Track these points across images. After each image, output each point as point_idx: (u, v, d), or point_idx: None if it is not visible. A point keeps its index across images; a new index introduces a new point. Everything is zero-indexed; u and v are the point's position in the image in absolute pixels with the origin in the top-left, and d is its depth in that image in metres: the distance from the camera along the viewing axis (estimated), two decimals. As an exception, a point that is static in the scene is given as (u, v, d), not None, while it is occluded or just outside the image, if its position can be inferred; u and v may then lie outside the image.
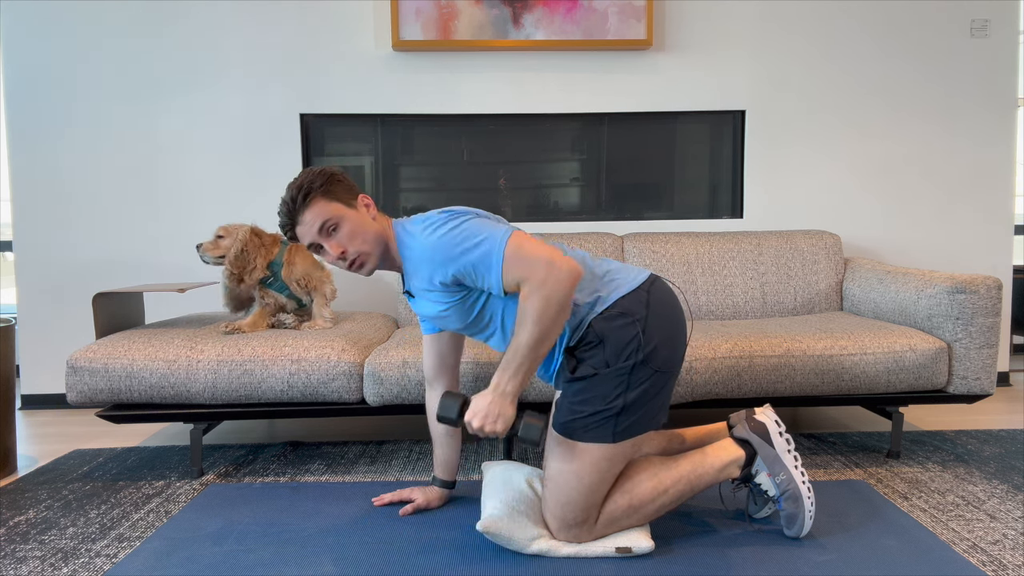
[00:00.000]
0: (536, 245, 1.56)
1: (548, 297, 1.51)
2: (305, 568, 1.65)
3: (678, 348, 1.69)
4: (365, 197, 1.75)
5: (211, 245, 2.50)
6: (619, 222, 3.30)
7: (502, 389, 1.55)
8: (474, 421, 1.55)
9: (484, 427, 1.54)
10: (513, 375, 1.55)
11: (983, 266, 3.35)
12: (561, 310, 1.52)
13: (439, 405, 1.59)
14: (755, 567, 1.62)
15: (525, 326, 1.52)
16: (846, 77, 3.26)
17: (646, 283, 1.69)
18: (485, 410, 1.54)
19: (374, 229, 1.71)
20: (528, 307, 1.51)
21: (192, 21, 3.14)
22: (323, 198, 1.67)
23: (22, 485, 2.24)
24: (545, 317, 1.51)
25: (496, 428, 1.54)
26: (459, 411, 1.58)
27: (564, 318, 1.54)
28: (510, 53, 3.20)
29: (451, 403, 1.58)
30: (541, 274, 1.51)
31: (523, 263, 1.53)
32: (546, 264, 1.52)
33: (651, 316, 1.64)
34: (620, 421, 1.61)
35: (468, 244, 1.57)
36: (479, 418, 1.54)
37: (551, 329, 1.52)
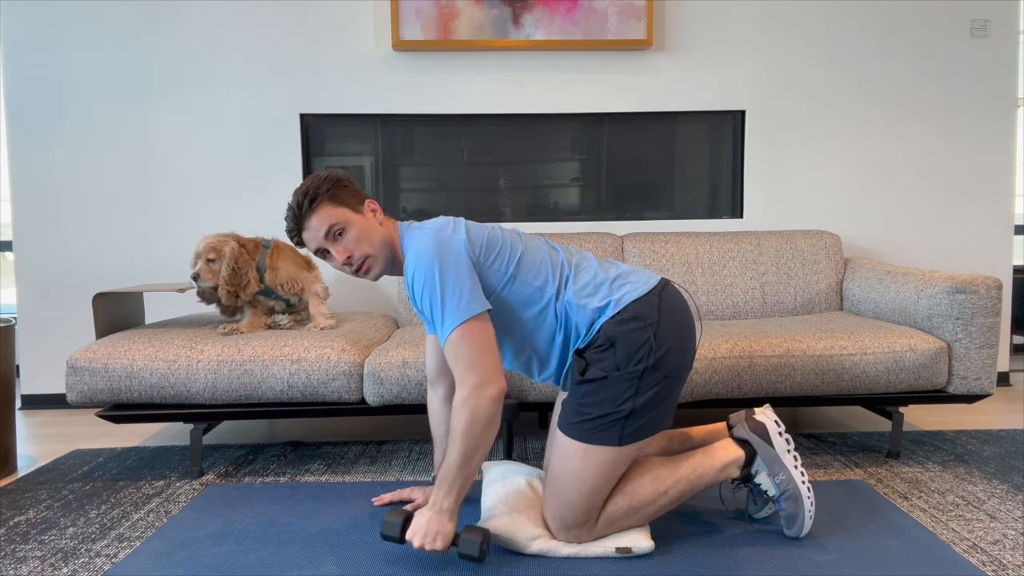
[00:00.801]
0: (478, 347, 1.56)
1: (474, 412, 1.54)
2: (305, 568, 1.65)
3: (688, 353, 1.69)
4: (372, 202, 1.75)
5: (208, 272, 2.37)
6: (619, 222, 3.30)
7: (439, 507, 1.59)
8: (415, 540, 1.58)
9: (424, 546, 1.57)
10: (447, 492, 1.58)
11: (983, 266, 3.35)
12: (487, 426, 1.55)
13: (382, 524, 1.64)
14: (755, 567, 1.62)
15: (454, 443, 1.56)
16: (846, 77, 3.26)
17: (658, 287, 1.69)
18: (424, 528, 1.58)
19: (380, 234, 1.72)
20: (455, 422, 1.55)
21: (193, 21, 3.14)
22: (329, 203, 1.69)
23: (22, 485, 2.24)
24: (472, 433, 1.54)
25: (436, 546, 1.57)
26: (401, 530, 1.62)
27: (492, 434, 1.57)
28: (510, 53, 3.20)
29: (393, 522, 1.62)
30: (469, 386, 1.55)
31: (459, 361, 1.56)
32: (476, 382, 1.54)
33: (663, 321, 1.64)
34: (627, 425, 1.61)
35: (432, 298, 1.58)
36: (419, 537, 1.57)
37: (479, 444, 1.56)
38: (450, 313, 1.56)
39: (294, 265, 2.56)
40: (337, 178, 1.72)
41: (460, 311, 1.56)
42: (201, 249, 2.40)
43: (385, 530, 1.63)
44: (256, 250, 2.50)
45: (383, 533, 1.63)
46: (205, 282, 2.39)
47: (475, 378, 1.55)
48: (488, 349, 1.57)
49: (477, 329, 1.57)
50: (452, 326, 1.56)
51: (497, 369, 1.58)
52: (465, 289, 1.58)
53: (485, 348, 1.57)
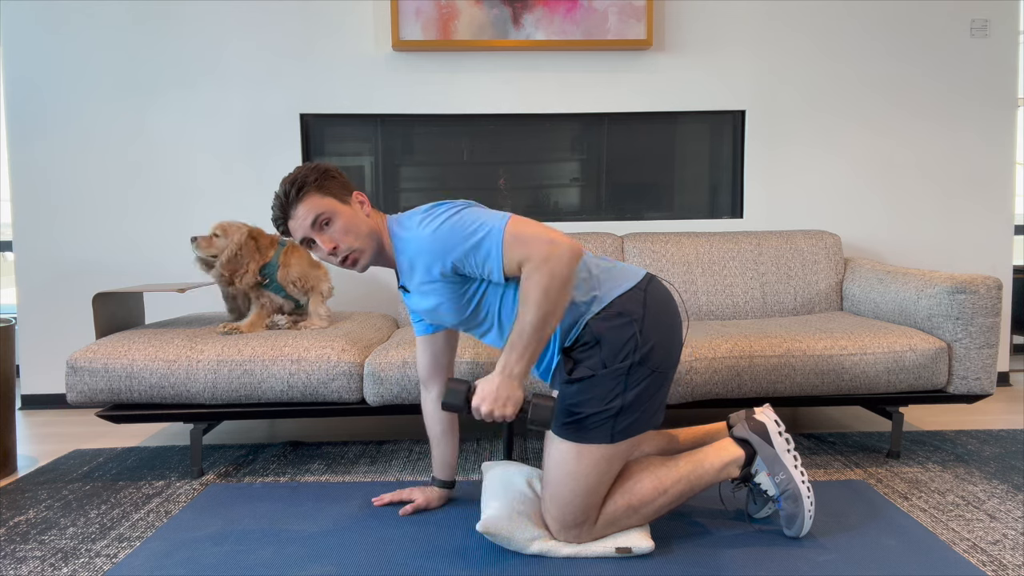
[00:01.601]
0: (535, 226, 1.56)
1: (551, 274, 1.49)
2: (305, 568, 1.65)
3: (675, 348, 1.69)
4: (359, 194, 1.74)
5: (205, 241, 2.45)
6: (619, 222, 3.30)
7: (509, 371, 1.53)
8: (483, 406, 1.52)
9: (494, 411, 1.52)
10: (520, 356, 1.52)
11: (983, 266, 3.35)
12: (564, 287, 1.51)
13: (445, 392, 1.55)
14: (755, 567, 1.62)
15: (529, 305, 1.50)
16: (846, 77, 3.26)
17: (643, 282, 1.69)
18: (494, 394, 1.52)
19: (367, 225, 1.70)
20: (531, 286, 1.50)
21: (193, 21, 3.14)
22: (316, 193, 1.67)
23: (22, 485, 2.24)
24: (549, 295, 1.49)
25: (506, 412, 1.52)
26: (465, 397, 1.54)
27: (567, 296, 1.53)
28: (510, 53, 3.20)
29: (457, 389, 1.54)
30: (543, 252, 1.50)
31: (523, 244, 1.52)
32: (547, 243, 1.51)
33: (648, 316, 1.63)
34: (618, 422, 1.61)
35: (467, 231, 1.56)
36: (488, 402, 1.52)
37: (556, 307, 1.51)
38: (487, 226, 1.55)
39: (307, 264, 2.59)
40: (325, 168, 1.70)
41: (496, 218, 1.56)
42: (213, 225, 2.49)
43: (448, 398, 1.53)
44: (271, 246, 2.54)
45: (445, 401, 1.54)
46: (200, 249, 2.45)
47: (546, 243, 1.51)
48: (543, 225, 1.57)
49: (520, 219, 1.57)
50: (500, 229, 1.54)
51: (564, 236, 1.54)
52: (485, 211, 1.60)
53: (540, 224, 1.56)
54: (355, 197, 1.73)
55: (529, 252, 1.51)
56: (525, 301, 1.51)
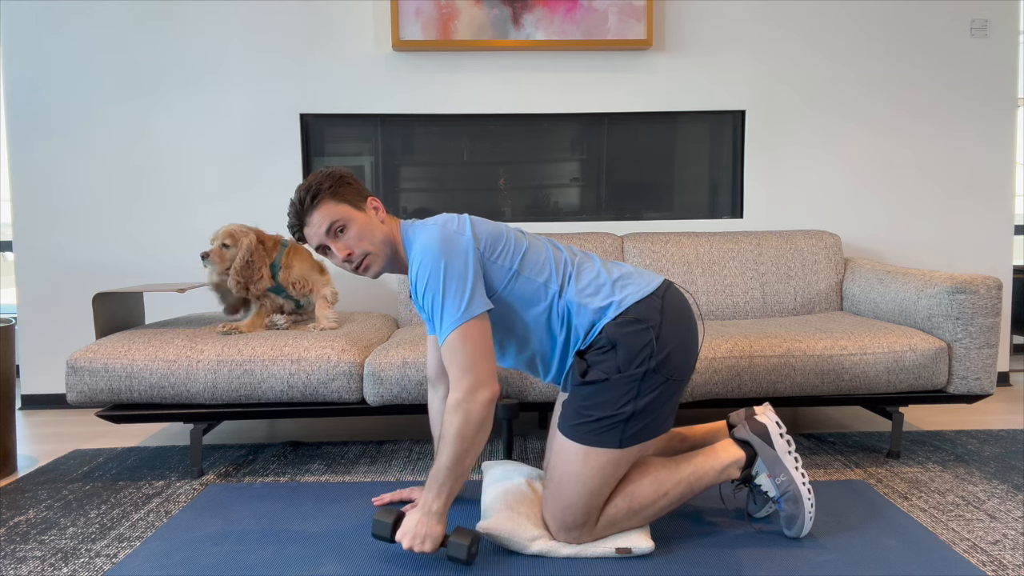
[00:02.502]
0: (474, 350, 1.57)
1: (466, 417, 1.55)
2: (305, 568, 1.65)
3: (690, 356, 1.69)
4: (374, 200, 1.75)
5: (217, 256, 2.42)
6: (619, 222, 3.30)
7: (427, 508, 1.60)
8: (403, 541, 1.59)
9: (413, 547, 1.58)
10: (437, 495, 1.59)
11: (983, 266, 3.35)
12: (479, 430, 1.56)
13: (373, 523, 1.65)
14: (755, 567, 1.62)
15: (445, 446, 1.56)
16: (846, 77, 3.26)
17: (660, 289, 1.69)
18: (413, 531, 1.59)
19: (382, 231, 1.71)
20: (447, 424, 1.56)
21: (193, 21, 3.14)
22: (331, 200, 1.68)
23: (22, 485, 2.24)
24: (464, 436, 1.55)
25: (425, 548, 1.58)
26: (391, 529, 1.63)
27: (483, 437, 1.58)
28: (510, 53, 3.20)
29: (384, 522, 1.63)
30: (462, 389, 1.55)
31: (455, 363, 1.57)
32: (470, 386, 1.55)
33: (665, 323, 1.63)
34: (628, 427, 1.60)
35: (434, 296, 1.58)
36: (408, 538, 1.59)
37: (471, 447, 1.56)
38: (449, 313, 1.56)
39: (308, 266, 2.59)
40: (340, 175, 1.71)
41: (460, 312, 1.56)
42: (219, 233, 2.46)
43: (376, 530, 1.64)
44: (275, 248, 2.54)
45: (374, 532, 1.65)
46: (213, 264, 2.43)
47: (469, 381, 1.55)
48: (485, 353, 1.58)
49: (476, 331, 1.57)
50: (451, 327, 1.56)
51: (492, 373, 1.58)
52: (467, 288, 1.58)
53: (481, 351, 1.57)
54: (370, 203, 1.74)
55: (455, 375, 1.57)
56: (443, 440, 1.58)
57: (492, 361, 1.59)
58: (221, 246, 2.44)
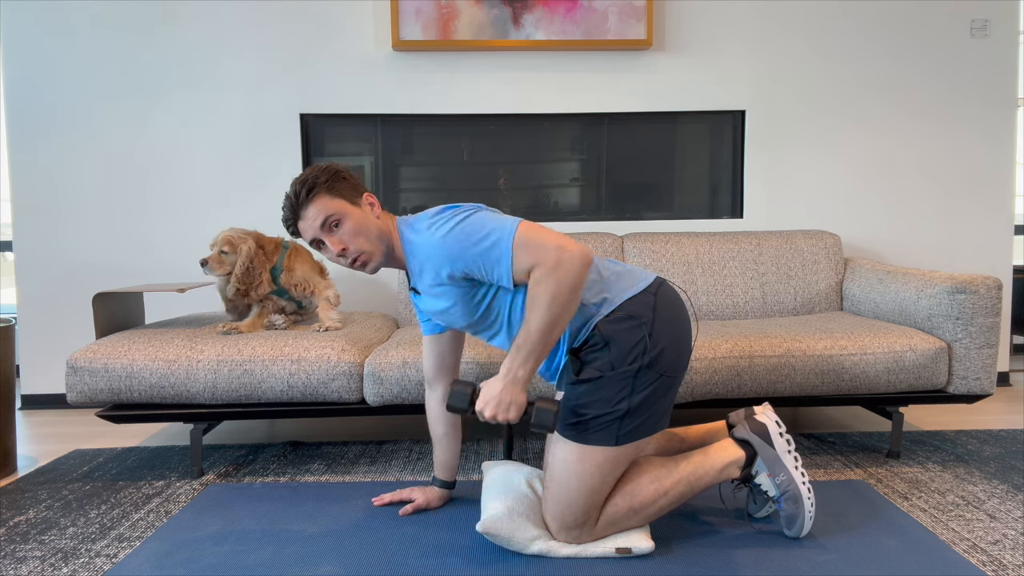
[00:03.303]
0: (545, 232, 1.55)
1: (560, 280, 1.49)
2: (305, 568, 1.65)
3: (684, 352, 1.69)
4: (370, 195, 1.73)
5: (216, 262, 2.41)
6: (619, 222, 3.30)
7: (513, 375, 1.54)
8: (486, 410, 1.53)
9: (497, 415, 1.53)
10: (524, 360, 1.53)
11: (983, 266, 3.35)
12: (573, 294, 1.50)
13: (449, 394, 1.57)
14: (755, 567, 1.62)
15: (536, 310, 1.50)
16: (846, 77, 3.26)
17: (653, 286, 1.69)
18: (497, 398, 1.53)
19: (377, 227, 1.69)
20: (539, 291, 1.50)
21: (193, 21, 3.14)
22: (327, 194, 1.66)
23: (22, 485, 2.24)
24: (557, 301, 1.49)
25: (509, 416, 1.53)
26: (470, 400, 1.55)
27: (575, 303, 1.52)
28: (510, 53, 3.20)
29: (461, 392, 1.55)
30: (552, 259, 1.49)
31: (533, 250, 1.52)
32: (556, 248, 1.50)
33: (658, 319, 1.63)
34: (624, 424, 1.60)
35: (477, 237, 1.55)
36: (491, 406, 1.53)
37: (563, 313, 1.51)
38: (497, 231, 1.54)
39: (309, 268, 2.59)
40: (336, 170, 1.70)
41: (507, 223, 1.55)
42: (218, 240, 2.45)
43: (452, 400, 1.55)
44: (275, 251, 2.54)
45: (450, 404, 1.56)
46: (212, 271, 2.42)
47: (555, 248, 1.50)
48: (553, 231, 1.55)
49: (530, 224, 1.56)
50: (510, 235, 1.53)
51: (573, 241, 1.53)
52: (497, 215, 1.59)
53: (551, 231, 1.55)
54: (365, 199, 1.72)
55: (538, 258, 1.51)
56: (532, 306, 1.51)
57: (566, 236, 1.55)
58: (220, 252, 2.43)
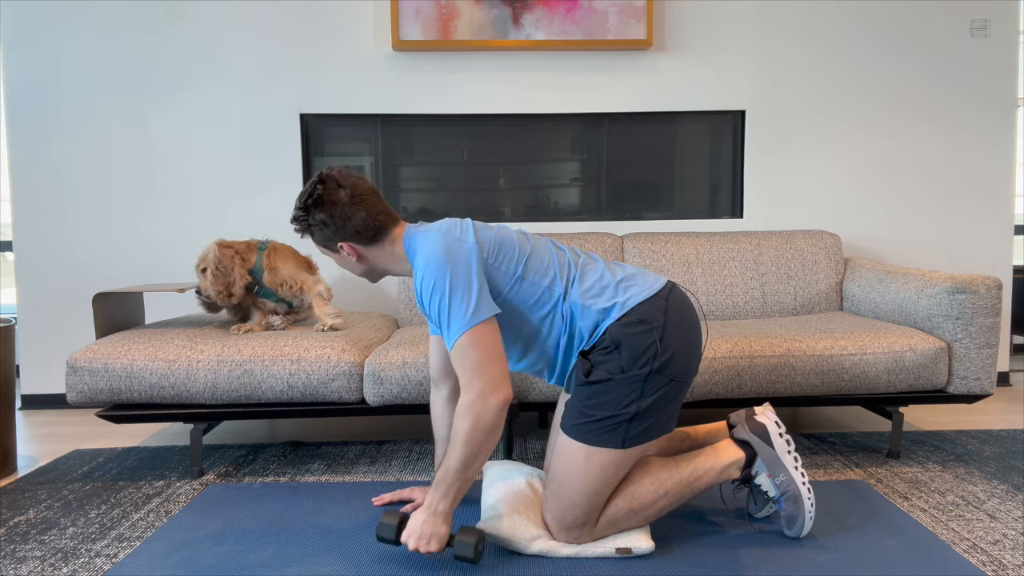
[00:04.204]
0: (485, 353, 1.56)
1: (477, 418, 1.53)
2: (305, 568, 1.65)
3: (694, 357, 1.68)
4: (346, 246, 1.74)
5: (204, 283, 2.40)
6: (619, 222, 3.30)
7: (434, 509, 1.59)
8: (409, 542, 1.59)
9: (419, 548, 1.57)
10: (444, 495, 1.58)
11: (983, 266, 3.35)
12: (490, 434, 1.55)
13: (377, 525, 1.64)
14: (755, 567, 1.62)
15: (455, 448, 1.55)
16: (846, 77, 3.26)
17: (664, 290, 1.69)
18: (419, 531, 1.58)
19: (359, 268, 1.79)
20: (458, 427, 1.55)
21: (193, 21, 3.14)
22: (309, 237, 1.78)
23: (22, 485, 2.24)
24: (474, 440, 1.54)
25: (431, 548, 1.57)
26: (397, 531, 1.62)
27: (493, 441, 1.57)
28: (510, 53, 3.20)
29: (389, 524, 1.62)
30: (474, 393, 1.54)
31: (466, 367, 1.56)
32: (481, 385, 1.54)
33: (669, 324, 1.63)
34: (631, 428, 1.60)
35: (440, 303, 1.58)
36: (413, 539, 1.58)
37: (480, 451, 1.55)
38: (457, 319, 1.56)
39: (293, 265, 2.52)
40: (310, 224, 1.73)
41: (468, 316, 1.56)
42: (196, 266, 2.44)
43: (380, 532, 1.63)
44: (250, 251, 2.48)
45: (379, 535, 1.63)
46: (208, 290, 2.40)
47: (481, 384, 1.54)
48: (496, 355, 1.57)
49: (486, 334, 1.56)
50: (460, 331, 1.55)
51: (504, 376, 1.57)
52: (473, 294, 1.57)
53: (492, 354, 1.57)
54: (343, 249, 1.75)
55: (465, 380, 1.56)
56: (453, 442, 1.56)
57: (503, 364, 1.58)
58: (201, 272, 2.41)
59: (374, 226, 1.72)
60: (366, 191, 1.72)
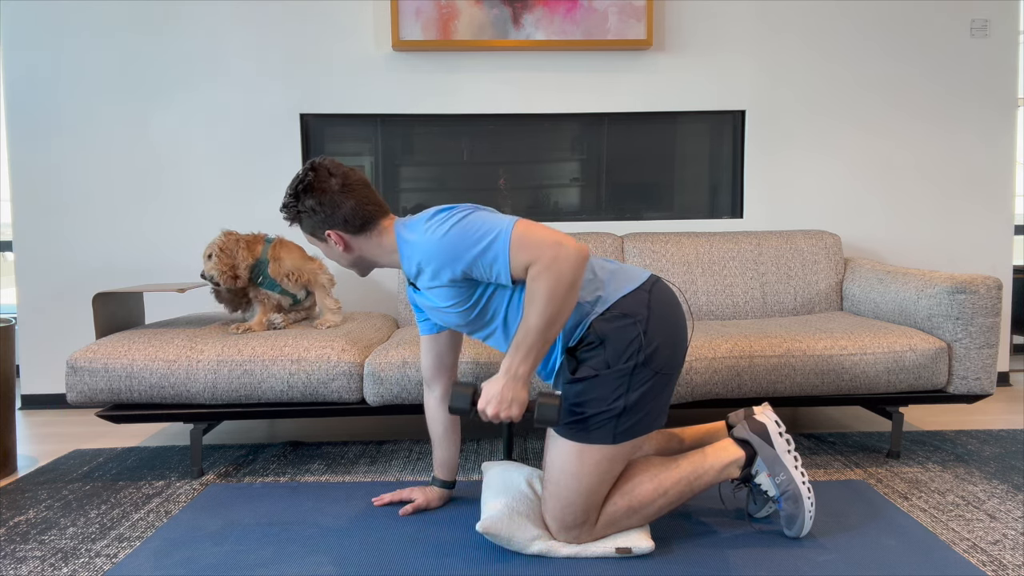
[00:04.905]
0: (543, 229, 1.54)
1: (558, 276, 1.48)
2: (305, 568, 1.65)
3: (679, 349, 1.69)
4: (334, 233, 1.73)
5: (210, 265, 2.42)
6: (619, 222, 3.30)
7: (514, 372, 1.53)
8: (488, 409, 1.53)
9: (500, 414, 1.53)
10: (524, 357, 1.53)
11: (983, 266, 3.35)
12: (571, 289, 1.50)
13: (451, 395, 1.56)
14: (755, 567, 1.62)
15: (535, 306, 1.49)
16: (846, 77, 3.26)
17: (647, 283, 1.69)
18: (499, 395, 1.53)
19: (346, 259, 1.79)
20: (538, 287, 1.49)
21: (193, 21, 3.14)
22: (298, 225, 1.78)
23: (22, 485, 2.24)
24: (556, 296, 1.48)
25: (512, 413, 1.53)
26: (471, 400, 1.55)
27: (574, 298, 1.52)
28: (510, 53, 3.20)
29: (462, 392, 1.55)
30: (550, 255, 1.49)
31: (530, 247, 1.51)
32: (553, 245, 1.50)
33: (652, 317, 1.63)
34: (621, 422, 1.61)
35: (475, 236, 1.55)
36: (493, 404, 1.53)
37: (562, 309, 1.50)
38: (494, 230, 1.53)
39: (298, 257, 2.56)
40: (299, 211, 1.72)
41: (503, 222, 1.55)
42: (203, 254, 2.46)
43: (454, 401, 1.55)
44: (256, 242, 2.51)
45: (451, 406, 1.55)
46: (212, 271, 2.42)
47: (552, 245, 1.49)
48: (551, 228, 1.54)
49: (527, 222, 1.55)
50: (507, 233, 1.52)
51: (570, 238, 1.52)
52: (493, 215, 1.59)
53: (548, 228, 1.54)
54: (331, 237, 1.73)
55: (536, 255, 1.50)
56: (531, 302, 1.50)
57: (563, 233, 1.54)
58: (207, 258, 2.44)
59: (363, 215, 1.71)
60: (357, 181, 1.72)
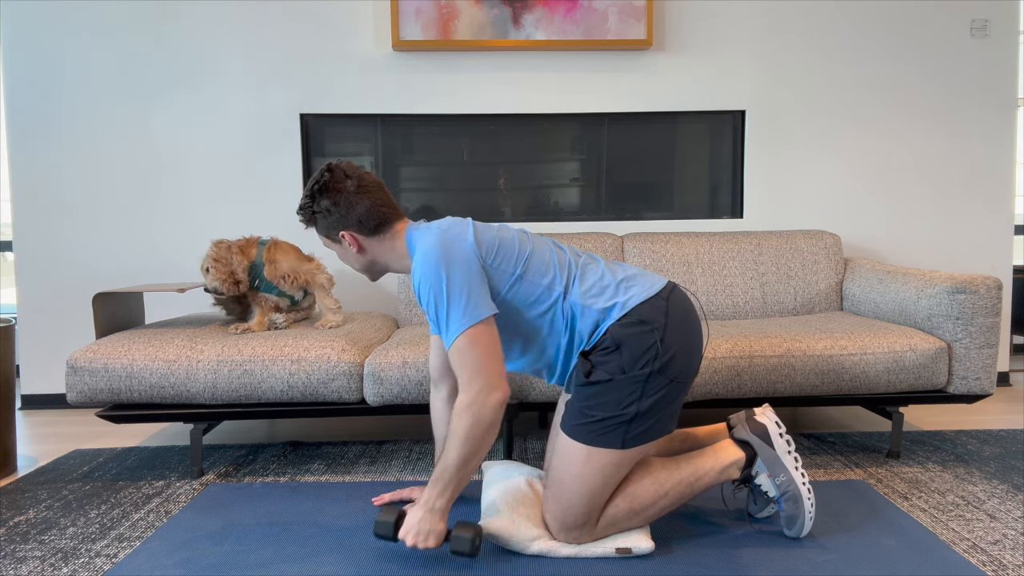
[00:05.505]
0: (484, 352, 1.56)
1: (479, 417, 1.55)
2: (305, 568, 1.65)
3: (695, 358, 1.68)
4: (347, 234, 1.75)
5: (209, 278, 2.42)
6: (619, 222, 3.30)
7: (431, 505, 1.60)
8: (407, 539, 1.60)
9: (417, 544, 1.59)
10: (442, 491, 1.60)
11: (983, 266, 3.35)
12: (489, 430, 1.57)
13: (375, 523, 1.65)
14: (755, 567, 1.62)
15: (453, 444, 1.56)
16: (846, 77, 3.26)
17: (665, 291, 1.69)
18: (416, 527, 1.59)
19: (359, 261, 1.81)
20: (459, 425, 1.55)
21: (193, 21, 3.14)
22: (312, 226, 1.80)
23: (22, 485, 2.24)
24: (473, 437, 1.55)
25: (428, 544, 1.59)
26: (394, 528, 1.63)
27: (492, 438, 1.58)
28: (510, 53, 3.20)
29: (386, 521, 1.64)
30: (473, 391, 1.55)
31: (464, 366, 1.57)
32: (480, 384, 1.55)
33: (670, 325, 1.63)
34: (631, 428, 1.60)
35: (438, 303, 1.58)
36: (411, 535, 1.60)
37: (479, 449, 1.57)
38: (456, 318, 1.56)
39: (294, 258, 2.54)
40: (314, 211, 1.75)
41: (466, 316, 1.56)
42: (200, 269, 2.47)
43: (378, 529, 1.64)
44: (250, 246, 2.50)
45: (376, 532, 1.65)
46: (212, 284, 2.42)
47: (480, 383, 1.55)
48: (493, 354, 1.58)
49: (483, 334, 1.57)
50: (458, 331, 1.56)
51: (501, 375, 1.58)
52: (472, 293, 1.58)
53: (491, 353, 1.57)
54: (345, 238, 1.76)
55: (464, 378, 1.57)
56: (450, 440, 1.57)
57: (501, 363, 1.59)
58: (204, 272, 2.44)
59: (377, 217, 1.74)
60: (372, 183, 1.77)
